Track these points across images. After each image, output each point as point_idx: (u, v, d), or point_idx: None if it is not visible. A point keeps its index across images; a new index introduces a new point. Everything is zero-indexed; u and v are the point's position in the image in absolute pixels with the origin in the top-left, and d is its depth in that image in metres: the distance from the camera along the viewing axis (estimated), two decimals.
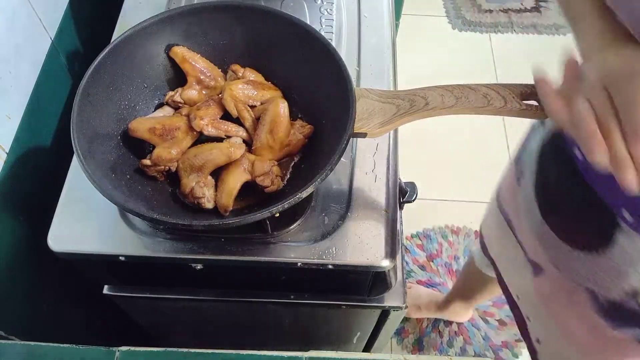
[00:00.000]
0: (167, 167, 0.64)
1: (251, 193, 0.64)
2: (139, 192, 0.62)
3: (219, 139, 0.66)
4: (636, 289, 0.60)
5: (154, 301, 0.78)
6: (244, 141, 0.67)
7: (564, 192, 0.67)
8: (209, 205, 0.61)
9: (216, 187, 0.63)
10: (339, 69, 0.62)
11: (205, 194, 0.61)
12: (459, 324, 1.54)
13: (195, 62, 0.69)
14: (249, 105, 0.67)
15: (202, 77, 0.69)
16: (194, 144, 0.66)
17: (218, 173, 0.63)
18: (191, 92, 0.68)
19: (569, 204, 0.64)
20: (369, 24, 0.85)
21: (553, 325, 0.78)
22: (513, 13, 2.22)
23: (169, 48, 0.70)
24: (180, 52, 0.69)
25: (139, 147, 0.65)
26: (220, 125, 0.66)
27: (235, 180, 0.62)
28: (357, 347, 0.98)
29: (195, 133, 0.66)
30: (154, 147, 0.64)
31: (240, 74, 0.70)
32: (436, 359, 1.22)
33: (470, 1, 2.25)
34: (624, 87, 0.43)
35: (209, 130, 0.65)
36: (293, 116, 0.67)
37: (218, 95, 0.69)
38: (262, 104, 0.68)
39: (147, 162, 0.63)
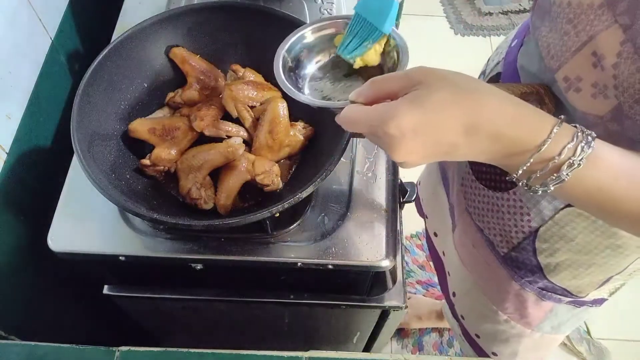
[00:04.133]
0: (167, 168, 0.64)
1: (251, 193, 0.64)
2: (139, 192, 0.62)
3: (219, 139, 0.66)
4: (535, 229, 0.63)
5: (154, 301, 0.78)
6: (244, 141, 0.67)
7: None
8: (207, 206, 0.61)
9: (216, 187, 0.63)
10: None
11: (202, 195, 0.61)
12: None
13: (195, 63, 0.69)
14: (248, 106, 0.68)
15: (202, 78, 0.69)
16: (193, 145, 0.66)
17: (218, 173, 0.63)
18: (191, 92, 0.68)
19: None
20: None
21: (468, 278, 0.83)
22: (513, 15, 2.22)
23: (169, 48, 0.70)
24: (180, 53, 0.69)
25: (139, 147, 0.65)
26: (221, 126, 0.66)
27: (235, 180, 0.62)
28: (357, 347, 0.98)
29: (194, 133, 0.66)
30: (154, 147, 0.64)
31: (240, 74, 0.70)
32: (436, 359, 1.22)
33: (470, 5, 2.25)
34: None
35: (210, 131, 0.65)
36: (294, 117, 0.67)
37: (219, 96, 0.69)
38: (261, 104, 0.68)
39: (146, 162, 0.63)
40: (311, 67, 0.60)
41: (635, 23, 0.45)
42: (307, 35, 0.59)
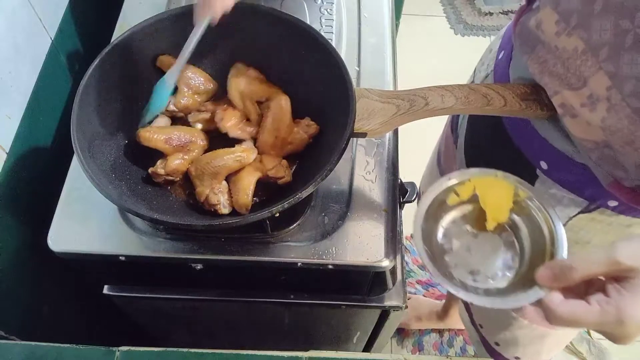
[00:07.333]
0: (177, 178, 0.64)
1: (255, 191, 0.63)
2: (139, 192, 0.62)
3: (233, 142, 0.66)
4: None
5: (154, 301, 0.78)
6: None
7: (489, 149, 0.71)
8: (225, 210, 0.61)
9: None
10: (339, 69, 0.62)
11: (221, 200, 0.61)
12: None
13: (182, 70, 0.69)
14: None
15: (191, 83, 0.69)
16: None
17: (228, 175, 0.63)
18: (184, 99, 0.68)
19: (494, 159, 0.66)
20: (369, 24, 0.85)
21: None
22: (513, 15, 2.22)
23: (156, 58, 0.69)
24: (167, 61, 0.69)
25: (139, 147, 0.65)
26: (246, 128, 0.66)
27: (249, 178, 0.61)
28: (357, 347, 0.98)
29: (205, 144, 0.66)
30: (156, 150, 0.64)
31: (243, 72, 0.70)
32: (436, 359, 1.22)
33: (470, 4, 2.25)
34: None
35: (234, 132, 0.65)
36: (300, 115, 0.67)
37: (221, 100, 0.69)
38: (266, 100, 0.68)
39: (161, 171, 0.62)
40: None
41: (619, 70, 0.45)
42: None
